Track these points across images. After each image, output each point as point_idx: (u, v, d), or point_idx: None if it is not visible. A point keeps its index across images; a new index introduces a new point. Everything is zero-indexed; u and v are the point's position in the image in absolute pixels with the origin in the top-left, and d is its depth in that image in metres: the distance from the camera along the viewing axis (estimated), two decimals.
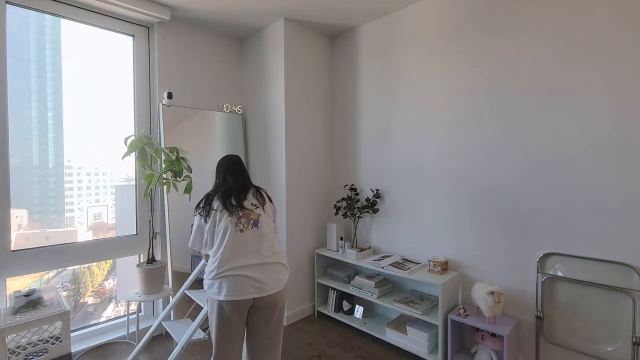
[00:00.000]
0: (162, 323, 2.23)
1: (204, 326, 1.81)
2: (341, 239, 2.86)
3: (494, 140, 2.16)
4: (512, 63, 2.07)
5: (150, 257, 2.34)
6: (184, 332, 1.90)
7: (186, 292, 2.24)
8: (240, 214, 1.62)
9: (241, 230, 1.59)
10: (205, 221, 1.64)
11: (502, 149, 2.12)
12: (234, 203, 1.64)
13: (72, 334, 2.12)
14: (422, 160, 2.51)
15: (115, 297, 2.73)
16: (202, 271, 2.13)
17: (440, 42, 2.40)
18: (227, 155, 1.86)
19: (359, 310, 2.71)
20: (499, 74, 2.13)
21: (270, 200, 1.79)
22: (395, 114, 2.67)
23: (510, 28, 2.08)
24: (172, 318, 2.48)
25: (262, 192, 1.77)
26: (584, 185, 1.84)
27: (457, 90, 2.31)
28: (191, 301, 2.47)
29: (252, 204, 1.68)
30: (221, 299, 1.52)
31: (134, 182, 2.67)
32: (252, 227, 1.62)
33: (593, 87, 1.80)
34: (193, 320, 1.93)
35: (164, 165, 2.29)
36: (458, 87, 2.31)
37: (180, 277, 2.61)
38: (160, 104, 2.65)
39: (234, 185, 1.70)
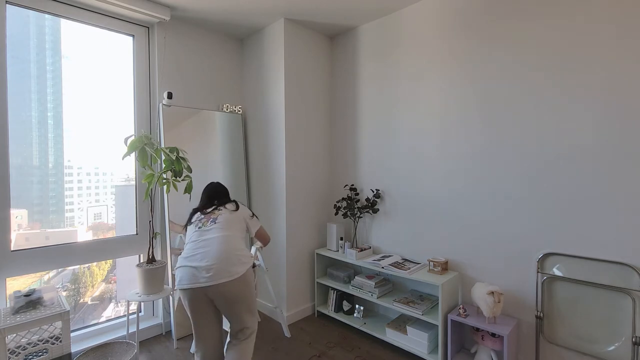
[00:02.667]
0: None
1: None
2: (341, 239, 2.86)
3: (493, 140, 2.16)
4: (512, 63, 2.07)
5: (150, 257, 2.34)
6: (226, 321, 2.07)
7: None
8: (203, 217, 1.90)
9: (199, 228, 1.84)
10: (186, 232, 1.95)
11: (502, 149, 2.12)
12: (204, 212, 1.94)
13: (72, 334, 2.12)
14: (422, 160, 2.51)
15: (115, 297, 2.73)
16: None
17: (440, 42, 2.40)
18: (210, 183, 2.17)
19: (359, 310, 2.71)
20: (499, 74, 2.13)
21: (251, 211, 2.08)
22: (395, 113, 2.67)
23: (510, 28, 2.08)
24: (172, 317, 2.48)
25: (238, 203, 2.03)
26: (583, 185, 1.84)
27: (457, 90, 2.31)
28: None
29: (218, 209, 1.92)
30: (177, 288, 1.72)
31: (134, 182, 2.67)
32: (211, 224, 1.83)
33: (592, 87, 1.80)
34: None
35: (164, 165, 2.29)
36: (458, 86, 2.31)
37: None
38: (160, 104, 2.65)
39: (207, 202, 2.03)
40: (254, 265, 1.85)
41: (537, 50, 1.98)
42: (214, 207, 1.95)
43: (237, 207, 1.99)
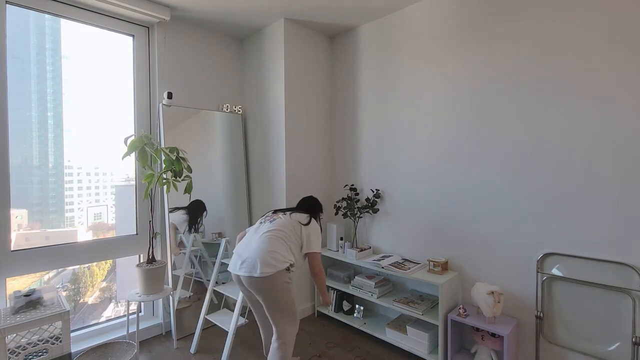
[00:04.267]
0: (207, 317, 2.42)
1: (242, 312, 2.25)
2: (341, 239, 2.86)
3: (493, 141, 2.16)
4: (513, 62, 2.07)
5: (150, 257, 2.34)
6: (228, 322, 2.27)
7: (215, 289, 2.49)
8: (269, 215, 2.06)
9: (260, 223, 2.01)
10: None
11: (502, 149, 2.12)
12: (275, 211, 2.10)
13: (72, 334, 2.12)
14: (422, 160, 2.51)
15: (115, 297, 2.73)
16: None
17: (440, 42, 2.40)
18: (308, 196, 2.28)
19: (359, 310, 2.71)
20: (499, 74, 2.13)
21: (317, 221, 2.09)
22: (395, 113, 2.67)
23: (509, 28, 2.08)
24: (172, 317, 2.48)
25: (313, 219, 2.05)
26: (583, 185, 1.84)
27: (457, 90, 2.31)
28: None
29: (285, 213, 2.03)
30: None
31: (134, 182, 2.67)
32: (267, 223, 1.96)
33: (592, 87, 1.80)
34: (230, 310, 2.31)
35: (164, 165, 2.29)
36: (458, 87, 2.31)
37: (180, 279, 2.61)
38: (160, 104, 2.65)
39: (291, 207, 2.21)
40: (288, 269, 1.84)
41: (537, 49, 1.98)
42: (287, 210, 2.06)
43: (308, 222, 2.00)
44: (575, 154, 1.87)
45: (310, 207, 2.16)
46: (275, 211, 2.08)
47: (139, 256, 2.65)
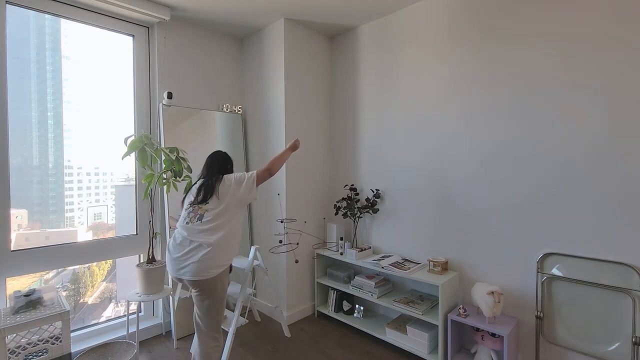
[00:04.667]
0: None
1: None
2: (341, 239, 2.86)
3: (492, 141, 2.16)
4: (514, 62, 2.07)
5: (150, 257, 2.34)
6: (228, 322, 2.28)
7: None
8: (191, 210, 1.83)
9: (186, 223, 1.80)
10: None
11: (501, 149, 2.12)
12: (194, 203, 1.85)
13: (72, 334, 2.12)
14: (422, 160, 2.51)
15: (115, 297, 2.73)
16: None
17: (440, 42, 2.40)
18: (214, 152, 2.08)
19: (359, 310, 2.71)
20: (501, 73, 2.13)
21: (241, 177, 1.90)
22: (395, 113, 2.67)
23: (509, 29, 2.08)
24: (172, 317, 2.48)
25: (227, 179, 1.88)
26: (583, 185, 1.84)
27: (457, 90, 2.31)
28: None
29: (206, 203, 1.81)
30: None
31: (134, 182, 2.67)
32: (197, 221, 1.78)
33: (592, 87, 1.80)
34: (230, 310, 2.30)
35: (164, 165, 2.29)
36: (457, 87, 2.31)
37: None
38: (160, 104, 2.65)
39: (205, 174, 1.96)
40: (230, 269, 1.87)
41: (540, 46, 1.97)
42: (206, 193, 1.83)
43: (228, 179, 1.86)
44: (575, 153, 1.86)
45: (219, 169, 1.97)
46: (193, 203, 1.84)
47: (139, 256, 2.65)
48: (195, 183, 1.96)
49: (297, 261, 2.50)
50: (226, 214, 1.79)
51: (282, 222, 2.69)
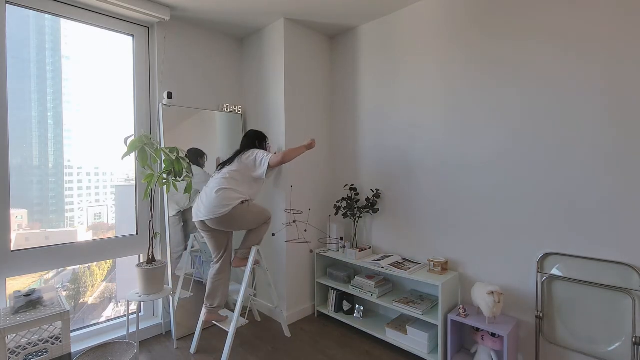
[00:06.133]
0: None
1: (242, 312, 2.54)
2: (341, 239, 2.86)
3: (491, 141, 2.16)
4: (512, 63, 2.07)
5: (150, 257, 2.34)
6: (228, 322, 2.32)
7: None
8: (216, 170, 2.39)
9: (212, 176, 2.37)
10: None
11: (501, 149, 2.12)
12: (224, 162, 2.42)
13: (72, 334, 2.12)
14: (422, 160, 2.51)
15: (115, 297, 2.73)
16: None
17: (440, 43, 2.40)
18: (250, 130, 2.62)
19: (359, 310, 2.71)
20: (499, 73, 2.13)
21: (258, 147, 2.46)
22: (394, 113, 2.67)
23: (509, 28, 2.08)
24: (172, 317, 2.48)
25: (250, 150, 2.39)
26: (583, 185, 1.84)
27: (456, 90, 2.31)
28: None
29: (228, 164, 2.34)
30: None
31: (134, 182, 2.67)
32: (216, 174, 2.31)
33: (592, 87, 1.80)
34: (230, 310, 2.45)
35: (164, 165, 2.29)
36: (457, 87, 2.31)
37: (180, 279, 2.61)
38: (160, 104, 2.64)
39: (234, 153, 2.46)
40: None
41: (540, 45, 1.98)
42: (226, 162, 2.37)
43: (251, 152, 2.36)
44: (575, 153, 1.87)
45: (247, 143, 2.47)
46: (222, 164, 2.39)
47: (139, 256, 2.65)
48: None
49: (273, 234, 2.74)
50: (239, 173, 2.27)
51: (290, 212, 2.80)
